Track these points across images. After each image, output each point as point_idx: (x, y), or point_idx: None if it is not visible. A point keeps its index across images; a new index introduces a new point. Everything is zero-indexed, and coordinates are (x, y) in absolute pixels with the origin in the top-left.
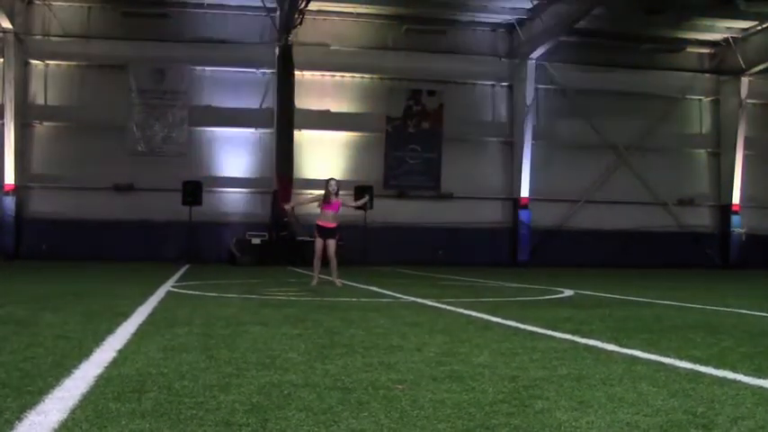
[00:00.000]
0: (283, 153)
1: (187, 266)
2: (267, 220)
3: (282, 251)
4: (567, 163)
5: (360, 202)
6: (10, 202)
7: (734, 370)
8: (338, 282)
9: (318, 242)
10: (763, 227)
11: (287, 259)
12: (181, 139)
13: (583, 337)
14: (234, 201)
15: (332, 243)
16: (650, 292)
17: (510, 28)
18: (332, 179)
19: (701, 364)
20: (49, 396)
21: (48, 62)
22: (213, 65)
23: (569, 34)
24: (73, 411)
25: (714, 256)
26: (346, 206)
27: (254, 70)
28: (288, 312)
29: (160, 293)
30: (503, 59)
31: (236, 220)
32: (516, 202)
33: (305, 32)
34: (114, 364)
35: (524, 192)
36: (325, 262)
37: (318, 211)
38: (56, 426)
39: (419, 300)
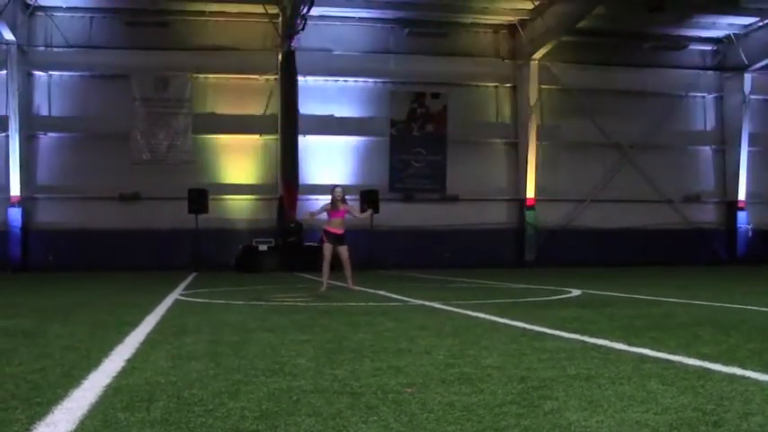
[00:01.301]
0: (288, 159)
1: (194, 274)
2: (274, 227)
3: (289, 257)
4: (572, 163)
5: (365, 214)
6: (16, 213)
7: (743, 366)
8: (354, 288)
9: (327, 247)
10: None
11: (294, 265)
12: (185, 147)
13: (591, 336)
14: (240, 207)
15: (343, 249)
16: (658, 289)
17: (512, 29)
18: (337, 186)
19: (710, 361)
20: (58, 407)
21: (51, 73)
22: (216, 72)
23: (571, 34)
24: (82, 422)
25: (721, 253)
26: (352, 216)
27: (257, 77)
28: (295, 318)
29: (168, 302)
30: (505, 60)
31: (242, 227)
32: (522, 203)
33: (307, 38)
34: (123, 373)
35: (530, 192)
36: (333, 267)
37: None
38: None
39: (427, 303)
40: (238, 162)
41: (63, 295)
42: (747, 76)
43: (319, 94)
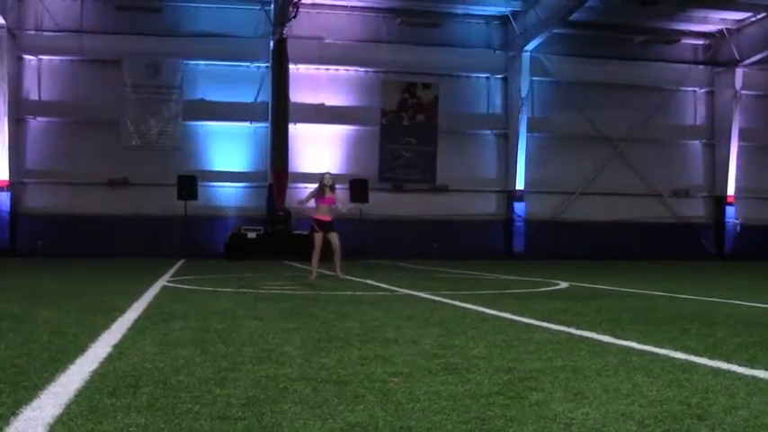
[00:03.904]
0: (278, 147)
1: (182, 261)
2: (263, 214)
3: (278, 245)
4: (562, 155)
5: (349, 207)
6: (5, 197)
7: (728, 360)
8: (342, 276)
9: (317, 237)
10: (758, 217)
11: (283, 253)
12: (175, 133)
13: (578, 328)
14: (229, 195)
15: (334, 236)
16: (645, 283)
17: (504, 20)
18: (327, 173)
19: (696, 355)
20: (45, 391)
21: (41, 57)
22: (207, 59)
23: (564, 26)
24: (68, 407)
25: (709, 247)
26: (338, 207)
27: (248, 64)
28: (283, 306)
29: (155, 288)
30: (497, 52)
31: (231, 215)
32: (511, 195)
33: (299, 26)
34: (110, 359)
35: (519, 184)
36: (323, 256)
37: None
38: (51, 421)
39: (415, 292)
40: (228, 149)
41: (51, 281)
42: (739, 71)
43: (310, 83)
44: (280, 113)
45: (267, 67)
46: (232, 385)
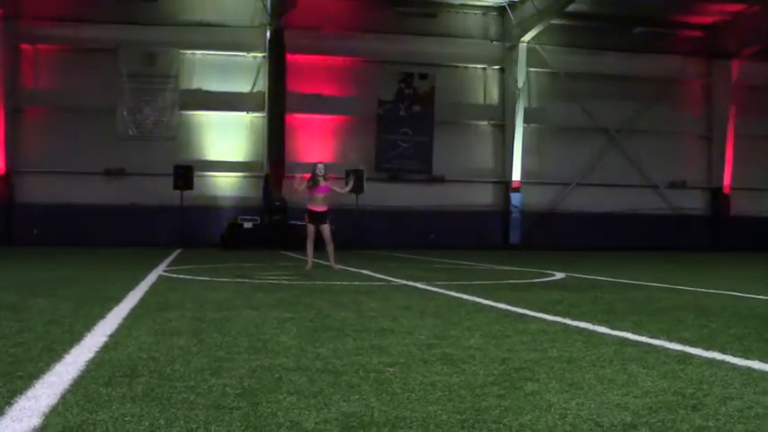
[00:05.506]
0: (275, 137)
1: (179, 251)
2: (259, 204)
3: (274, 235)
4: (559, 146)
5: (348, 188)
6: (0, 187)
7: (723, 351)
8: (335, 266)
9: (309, 227)
10: (754, 209)
11: (279, 243)
12: (171, 123)
13: (574, 319)
14: (225, 185)
15: (325, 227)
16: (641, 274)
17: (501, 11)
18: (319, 163)
19: (691, 346)
20: (40, 381)
21: (37, 46)
22: (204, 48)
23: (561, 17)
24: (63, 396)
25: (705, 239)
26: (337, 191)
27: (245, 54)
28: (279, 296)
29: (151, 278)
30: (494, 42)
31: (227, 204)
32: (508, 185)
33: (296, 16)
34: (105, 348)
35: (516, 175)
36: (318, 246)
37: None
38: (46, 410)
39: (410, 283)
40: (225, 139)
41: (47, 270)
42: (735, 64)
43: (307, 73)
44: (276, 104)
45: (264, 56)
46: (227, 375)
